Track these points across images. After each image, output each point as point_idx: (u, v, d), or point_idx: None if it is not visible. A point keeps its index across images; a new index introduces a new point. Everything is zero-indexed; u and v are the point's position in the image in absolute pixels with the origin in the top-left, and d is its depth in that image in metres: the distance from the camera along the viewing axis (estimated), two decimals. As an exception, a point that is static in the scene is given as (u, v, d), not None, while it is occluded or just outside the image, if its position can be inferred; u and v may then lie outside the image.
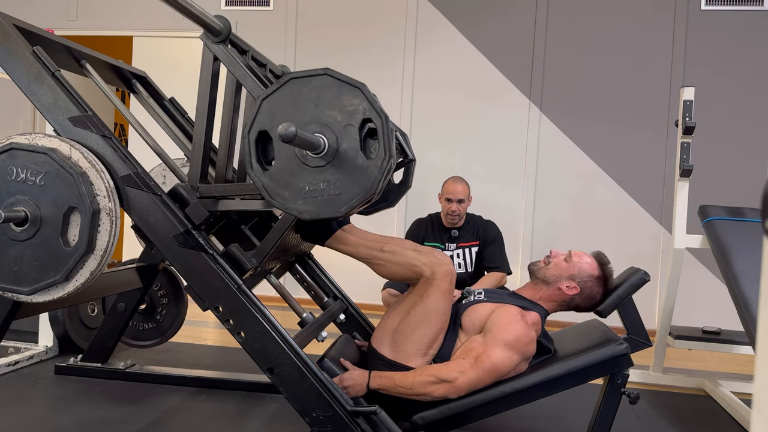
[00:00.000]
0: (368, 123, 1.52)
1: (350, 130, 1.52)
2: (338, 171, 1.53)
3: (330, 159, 1.53)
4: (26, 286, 1.65)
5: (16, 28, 1.82)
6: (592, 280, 1.92)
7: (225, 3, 4.92)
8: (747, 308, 2.33)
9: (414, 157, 2.30)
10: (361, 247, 1.91)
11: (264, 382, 2.54)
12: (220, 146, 1.88)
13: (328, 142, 1.52)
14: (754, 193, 4.00)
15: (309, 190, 1.55)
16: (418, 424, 1.77)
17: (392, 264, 1.86)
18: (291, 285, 2.74)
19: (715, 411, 2.67)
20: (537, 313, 1.86)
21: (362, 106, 1.51)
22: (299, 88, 1.56)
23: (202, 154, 1.83)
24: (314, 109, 1.55)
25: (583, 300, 1.93)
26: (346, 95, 1.53)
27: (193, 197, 1.79)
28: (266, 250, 1.83)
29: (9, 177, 1.64)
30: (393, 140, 1.51)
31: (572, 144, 4.52)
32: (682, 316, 3.89)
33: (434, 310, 1.80)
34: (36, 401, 2.38)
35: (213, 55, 1.80)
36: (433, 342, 1.82)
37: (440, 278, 1.80)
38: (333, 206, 1.54)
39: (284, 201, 1.57)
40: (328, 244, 1.96)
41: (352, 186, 1.52)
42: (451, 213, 3.21)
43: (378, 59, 4.73)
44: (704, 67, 4.36)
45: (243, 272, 1.78)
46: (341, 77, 1.53)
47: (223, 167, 1.88)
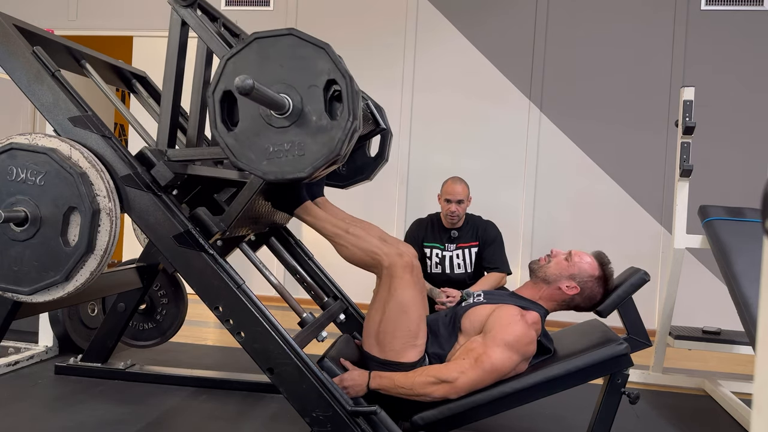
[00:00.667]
0: (333, 85, 1.51)
1: (315, 91, 1.51)
2: (302, 132, 1.52)
3: (294, 120, 1.52)
4: (26, 286, 1.65)
5: (16, 28, 1.82)
6: (592, 280, 1.92)
7: (225, 3, 4.93)
8: (747, 308, 2.33)
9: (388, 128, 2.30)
10: (328, 223, 1.91)
11: (264, 382, 2.54)
12: (191, 112, 1.89)
13: (293, 102, 1.51)
14: (754, 193, 4.00)
15: (273, 151, 1.53)
16: (418, 424, 1.77)
17: (354, 247, 1.86)
18: (291, 285, 2.74)
19: (715, 411, 2.67)
20: (537, 312, 1.86)
21: (327, 67, 1.50)
22: (264, 48, 1.54)
23: (170, 119, 1.83)
24: (279, 69, 1.53)
25: (583, 300, 1.93)
26: (310, 56, 1.51)
27: (160, 160, 1.78)
28: (234, 214, 1.81)
29: (9, 177, 1.64)
30: (358, 102, 1.49)
31: (572, 144, 4.52)
32: (682, 316, 3.89)
33: (407, 303, 1.80)
34: (36, 401, 2.38)
35: (181, 19, 1.80)
36: (418, 331, 1.82)
37: (401, 271, 1.80)
38: (297, 166, 1.52)
39: (249, 162, 1.55)
40: (297, 213, 1.96)
41: (316, 147, 1.51)
42: (450, 214, 3.18)
43: (378, 59, 4.73)
44: (704, 67, 4.36)
45: (210, 235, 1.77)
46: (306, 37, 1.52)
47: (194, 134, 1.88)
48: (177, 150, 1.83)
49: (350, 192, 2.56)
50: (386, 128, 2.32)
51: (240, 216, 1.83)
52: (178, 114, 1.89)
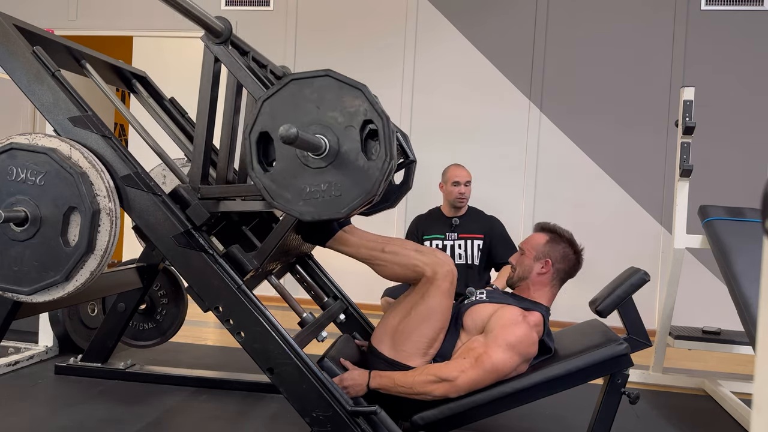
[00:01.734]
0: (369, 124, 1.52)
1: (351, 132, 1.52)
2: (339, 172, 1.53)
3: (331, 160, 1.53)
4: (26, 286, 1.65)
5: (16, 28, 1.82)
6: (549, 244, 1.95)
7: (225, 3, 4.92)
8: (747, 308, 2.33)
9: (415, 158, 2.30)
10: (363, 248, 1.91)
11: (264, 382, 2.54)
12: (221, 147, 1.88)
13: (329, 143, 1.52)
14: (754, 193, 4.00)
15: (310, 192, 1.55)
16: (418, 424, 1.77)
17: (394, 264, 1.87)
18: (291, 285, 2.74)
19: (715, 411, 2.67)
20: (539, 312, 1.86)
21: (363, 108, 1.52)
22: (300, 89, 1.56)
23: (203, 155, 1.83)
24: (315, 110, 1.55)
25: (562, 263, 1.95)
26: (347, 96, 1.53)
27: (194, 198, 1.79)
28: (267, 251, 1.83)
29: (9, 177, 1.64)
30: (394, 142, 1.51)
31: (572, 144, 4.52)
32: (682, 316, 3.89)
33: (435, 310, 1.80)
34: (36, 401, 2.38)
35: (214, 56, 1.80)
36: (433, 342, 1.82)
37: (441, 278, 1.80)
38: (334, 207, 1.54)
39: (285, 202, 1.57)
40: (330, 245, 1.96)
41: (353, 187, 1.52)
42: (460, 196, 3.19)
43: (378, 59, 4.73)
44: (704, 67, 4.36)
45: (244, 273, 1.78)
46: (342, 78, 1.53)
47: (224, 168, 1.88)
48: (211, 187, 1.82)
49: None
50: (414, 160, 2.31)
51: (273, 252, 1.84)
52: (210, 150, 1.88)
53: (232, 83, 1.87)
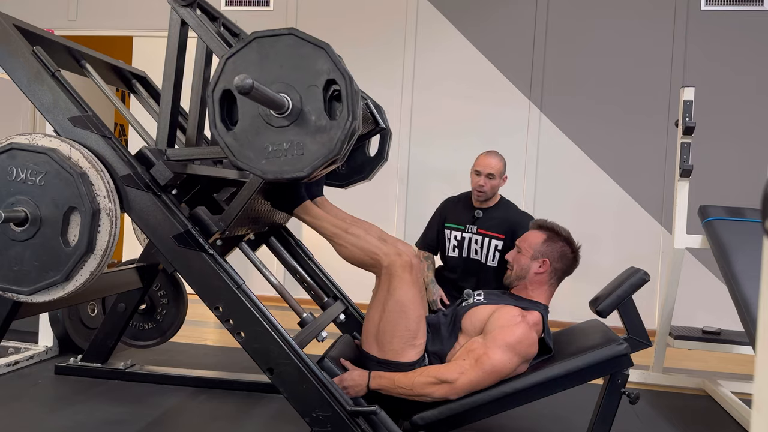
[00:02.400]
0: (333, 84, 1.51)
1: (314, 91, 1.51)
2: (302, 131, 1.52)
3: (293, 119, 1.52)
4: (26, 286, 1.65)
5: (16, 28, 1.82)
6: (546, 243, 1.95)
7: (225, 3, 4.93)
8: (747, 308, 2.33)
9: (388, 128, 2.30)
10: (327, 223, 1.92)
11: (264, 382, 2.54)
12: (190, 112, 1.89)
13: (292, 101, 1.51)
14: (754, 193, 4.00)
15: (272, 150, 1.53)
16: (418, 424, 1.77)
17: (354, 247, 1.86)
18: (291, 285, 2.74)
19: (715, 411, 2.67)
20: (538, 312, 1.86)
21: (326, 67, 1.50)
22: (264, 48, 1.54)
23: (169, 118, 1.83)
24: (278, 69, 1.53)
25: (560, 263, 1.95)
26: (310, 55, 1.51)
27: (159, 159, 1.78)
28: (233, 213, 1.81)
29: (9, 177, 1.64)
30: (358, 102, 1.49)
31: (572, 144, 4.52)
32: (682, 316, 3.89)
33: (406, 303, 1.80)
34: (36, 401, 2.38)
35: (180, 18, 1.80)
36: (417, 331, 1.82)
37: (400, 270, 1.80)
38: (296, 166, 1.52)
39: (248, 161, 1.55)
40: (297, 213, 1.96)
41: (315, 146, 1.51)
42: (478, 188, 2.86)
43: (378, 59, 4.73)
44: (704, 67, 4.36)
45: (209, 235, 1.77)
46: (306, 37, 1.52)
47: (194, 133, 1.88)
48: (177, 149, 1.83)
49: (350, 191, 2.56)
50: (385, 128, 2.31)
51: (239, 215, 1.83)
52: (177, 113, 1.89)
53: (201, 50, 1.87)
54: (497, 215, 2.90)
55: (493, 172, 2.86)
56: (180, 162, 1.81)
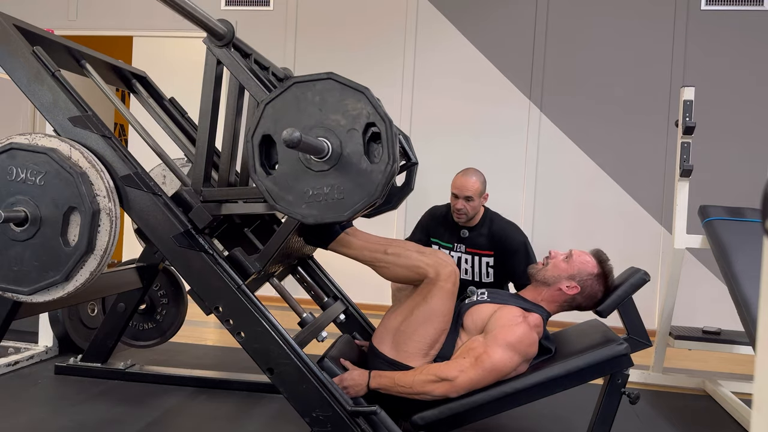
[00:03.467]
0: (372, 127, 1.52)
1: (354, 135, 1.52)
2: (342, 175, 1.53)
3: (334, 163, 1.53)
4: (26, 286, 1.65)
5: (16, 28, 1.82)
6: (592, 278, 1.92)
7: (225, 3, 4.92)
8: (747, 308, 2.33)
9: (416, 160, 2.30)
10: (365, 251, 1.91)
11: (264, 382, 2.54)
12: (223, 149, 1.88)
13: (332, 146, 1.52)
14: (754, 193, 4.00)
15: (313, 194, 1.55)
16: (418, 424, 1.77)
17: (396, 266, 1.86)
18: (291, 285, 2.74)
19: (715, 411, 2.67)
20: (539, 314, 1.86)
21: (366, 111, 1.52)
22: (303, 92, 1.56)
23: (205, 157, 1.83)
24: (318, 113, 1.55)
25: (584, 299, 1.93)
26: (349, 99, 1.53)
27: (196, 201, 1.79)
28: (270, 254, 1.83)
29: (9, 177, 1.64)
30: (397, 144, 1.51)
31: (572, 144, 4.52)
32: (682, 316, 3.89)
33: (437, 311, 1.80)
34: (36, 401, 2.38)
35: (216, 58, 1.80)
36: (435, 343, 1.82)
37: (444, 279, 1.80)
38: (336, 210, 1.54)
39: (288, 205, 1.57)
40: (332, 247, 1.96)
41: (356, 190, 1.52)
42: (457, 211, 2.81)
43: (378, 59, 4.73)
44: (704, 67, 4.36)
45: (246, 276, 1.78)
46: (345, 81, 1.53)
47: (227, 170, 1.88)
48: (213, 189, 1.82)
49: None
50: (416, 162, 2.31)
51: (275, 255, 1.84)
52: (213, 152, 1.88)
53: (234, 86, 1.87)
54: (484, 232, 2.85)
55: (471, 194, 2.77)
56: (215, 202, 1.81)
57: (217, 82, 1.83)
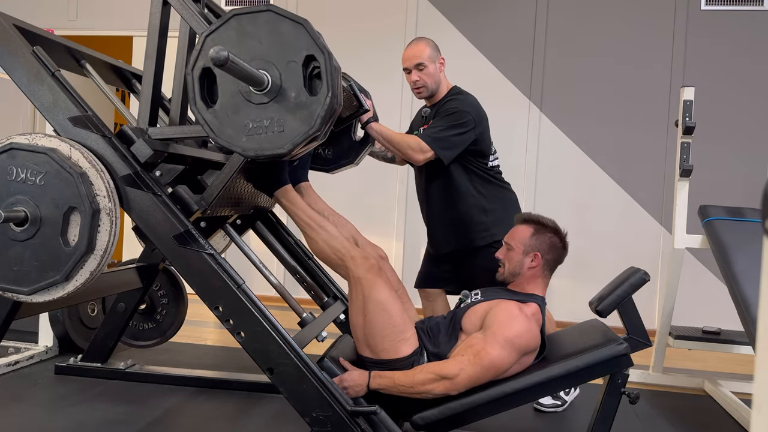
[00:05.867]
0: (313, 61, 1.51)
1: (293, 67, 1.51)
2: (282, 108, 1.52)
3: (273, 96, 1.52)
4: (26, 286, 1.65)
5: (16, 28, 1.82)
6: (534, 236, 1.96)
7: (225, 3, 4.93)
8: (747, 308, 2.33)
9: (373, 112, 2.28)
10: (303, 212, 1.93)
11: (264, 382, 2.54)
12: (173, 93, 1.89)
13: (271, 78, 1.51)
14: (754, 193, 4.00)
15: (253, 127, 1.54)
16: (418, 424, 1.77)
17: (324, 243, 1.89)
18: (291, 285, 2.74)
19: (715, 411, 2.67)
20: (535, 303, 1.86)
21: (305, 43, 1.50)
22: (243, 25, 1.54)
23: (150, 97, 1.84)
24: (258, 46, 1.53)
25: (551, 254, 1.95)
26: (289, 32, 1.51)
27: (139, 137, 1.78)
28: (214, 192, 1.81)
29: (9, 177, 1.64)
30: (337, 78, 1.50)
31: (572, 144, 4.52)
32: (682, 316, 3.89)
33: (384, 301, 1.81)
34: (36, 401, 2.38)
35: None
36: (404, 325, 1.83)
37: (368, 274, 1.82)
38: (276, 143, 1.52)
39: (228, 138, 1.55)
40: (276, 195, 1.98)
41: (295, 123, 1.51)
42: (414, 86, 2.51)
43: (378, 59, 4.72)
44: (704, 67, 4.36)
45: (190, 213, 1.77)
46: (284, 13, 1.52)
47: (177, 114, 1.88)
48: (158, 128, 1.82)
49: (350, 191, 2.55)
50: (368, 110, 2.29)
51: (221, 195, 1.83)
52: (159, 92, 1.90)
53: (184, 30, 1.87)
54: (439, 106, 2.54)
55: (421, 61, 2.46)
56: (162, 141, 1.80)
57: (163, 23, 1.84)
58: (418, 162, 2.43)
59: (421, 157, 2.40)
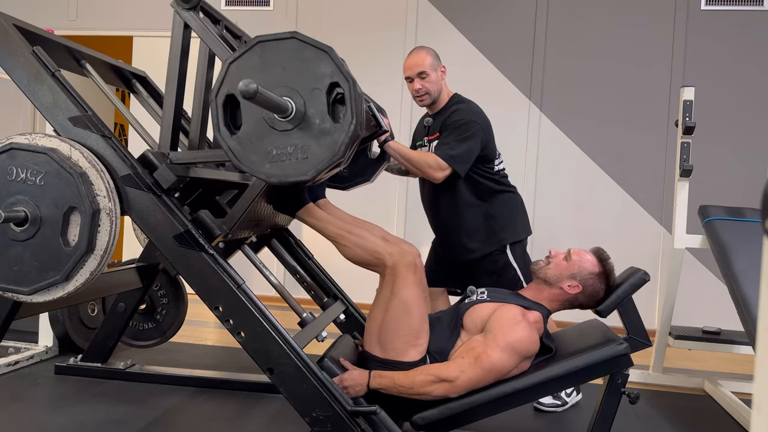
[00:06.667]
0: (336, 87, 1.52)
1: (317, 94, 1.51)
2: (305, 135, 1.52)
3: (297, 123, 1.52)
4: (26, 286, 1.65)
5: (16, 28, 1.82)
6: (593, 277, 1.91)
7: (225, 3, 4.93)
8: (747, 308, 2.33)
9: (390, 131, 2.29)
10: (330, 225, 1.92)
11: (264, 382, 2.54)
12: (193, 116, 1.89)
13: (295, 105, 1.51)
14: (754, 193, 4.00)
15: (276, 154, 1.54)
16: (418, 424, 1.77)
17: (357, 248, 1.87)
18: (291, 285, 2.74)
19: (715, 411, 2.67)
20: (539, 312, 1.86)
21: (329, 70, 1.51)
22: (267, 51, 1.54)
23: (172, 122, 1.84)
24: (282, 72, 1.53)
25: (586, 298, 1.92)
26: (313, 59, 1.52)
27: (162, 163, 1.78)
28: (236, 216, 1.82)
29: (9, 177, 1.64)
30: (361, 104, 1.50)
31: (572, 144, 4.52)
32: (682, 316, 3.88)
33: (409, 302, 1.81)
34: (36, 401, 2.38)
35: (183, 22, 1.80)
36: (420, 332, 1.82)
37: (404, 270, 1.81)
38: (300, 170, 1.52)
39: (252, 165, 1.56)
40: (299, 215, 1.97)
41: (319, 150, 1.51)
42: (417, 95, 2.54)
43: (378, 59, 4.72)
44: (704, 67, 4.36)
45: (212, 238, 1.77)
46: (309, 40, 1.52)
47: (196, 136, 1.88)
48: (180, 153, 1.83)
49: (350, 191, 2.55)
50: (387, 131, 2.31)
51: (242, 218, 1.83)
52: (180, 116, 1.90)
53: (204, 53, 1.87)
54: (441, 115, 2.56)
55: (423, 69, 2.48)
56: (183, 165, 1.81)
57: (184, 46, 1.84)
58: (438, 180, 2.43)
59: (441, 174, 2.41)
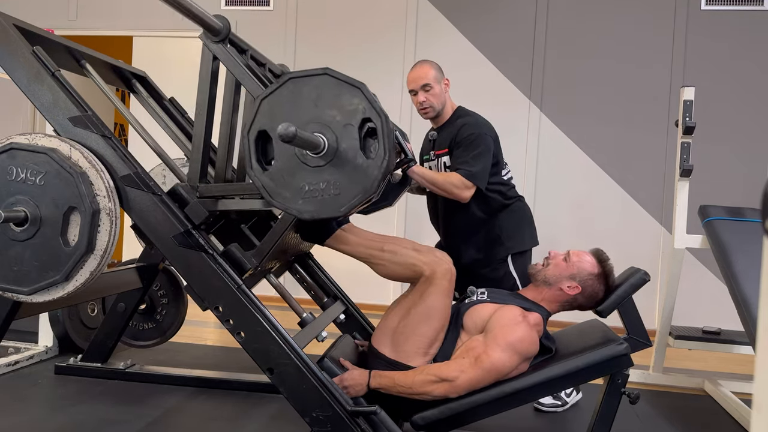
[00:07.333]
0: (368, 123, 1.52)
1: (350, 130, 1.52)
2: (338, 171, 1.53)
3: (330, 159, 1.53)
4: (26, 286, 1.65)
5: (16, 28, 1.82)
6: (592, 278, 1.91)
7: (225, 3, 4.92)
8: (747, 308, 2.33)
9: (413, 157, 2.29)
10: (361, 247, 1.91)
11: (264, 382, 2.54)
12: (220, 146, 1.88)
13: (328, 141, 1.52)
14: (754, 193, 4.00)
15: (309, 190, 1.55)
16: (418, 424, 1.77)
17: (392, 264, 1.86)
18: (291, 285, 2.73)
19: (715, 411, 2.67)
20: (539, 314, 1.86)
21: (362, 106, 1.52)
22: (299, 87, 1.56)
23: (201, 153, 1.83)
24: (314, 108, 1.55)
25: (586, 299, 1.93)
26: (345, 95, 1.53)
27: (192, 197, 1.79)
28: (266, 249, 1.83)
29: (9, 177, 1.64)
30: (393, 140, 1.51)
31: (572, 144, 4.52)
32: (682, 316, 3.88)
33: (434, 310, 1.80)
34: (36, 401, 2.38)
35: (212, 54, 1.80)
36: (434, 341, 1.82)
37: (440, 277, 1.80)
38: (333, 206, 1.54)
39: (284, 201, 1.57)
40: (328, 243, 1.95)
41: (352, 186, 1.52)
42: (421, 107, 2.54)
43: (378, 59, 4.73)
44: (704, 67, 4.36)
45: (243, 272, 1.78)
46: (341, 77, 1.53)
47: (223, 167, 1.88)
48: (210, 185, 1.82)
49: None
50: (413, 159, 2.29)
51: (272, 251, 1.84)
52: (209, 149, 1.88)
53: (231, 82, 1.87)
54: (449, 129, 2.55)
55: (427, 81, 2.49)
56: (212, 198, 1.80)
57: (213, 78, 1.83)
58: (465, 199, 2.42)
59: (467, 193, 2.41)
